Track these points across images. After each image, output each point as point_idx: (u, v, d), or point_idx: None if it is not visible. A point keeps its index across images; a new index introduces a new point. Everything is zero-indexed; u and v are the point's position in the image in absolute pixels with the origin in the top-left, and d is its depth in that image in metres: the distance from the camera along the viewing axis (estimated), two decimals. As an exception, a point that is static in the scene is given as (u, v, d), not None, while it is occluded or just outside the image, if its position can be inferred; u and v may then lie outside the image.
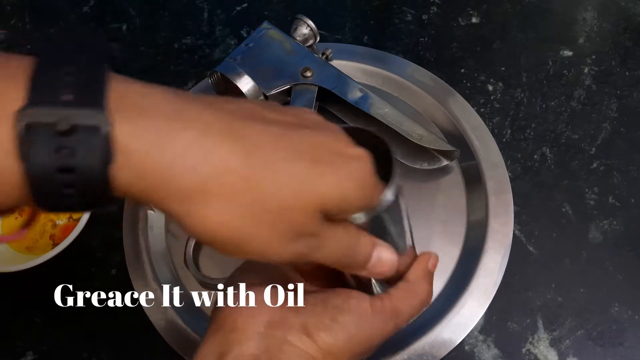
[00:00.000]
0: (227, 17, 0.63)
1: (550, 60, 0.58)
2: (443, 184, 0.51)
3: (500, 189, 0.50)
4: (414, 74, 0.56)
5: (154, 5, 0.64)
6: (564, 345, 0.45)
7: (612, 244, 0.49)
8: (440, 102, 0.54)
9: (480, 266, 0.46)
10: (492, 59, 0.59)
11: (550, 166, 0.52)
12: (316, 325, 0.28)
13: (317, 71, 0.51)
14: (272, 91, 0.50)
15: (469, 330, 0.44)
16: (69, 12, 0.64)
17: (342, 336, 0.28)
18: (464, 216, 0.49)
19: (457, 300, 0.45)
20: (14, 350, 0.46)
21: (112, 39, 0.20)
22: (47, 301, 0.46)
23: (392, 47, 0.60)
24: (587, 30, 0.61)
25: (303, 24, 0.53)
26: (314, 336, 0.28)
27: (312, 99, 0.51)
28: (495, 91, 0.57)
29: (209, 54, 0.60)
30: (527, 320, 0.46)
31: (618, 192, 0.51)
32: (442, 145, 0.49)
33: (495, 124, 0.54)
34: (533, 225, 0.49)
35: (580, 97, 0.56)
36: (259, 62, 0.51)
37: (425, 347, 0.43)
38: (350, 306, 0.29)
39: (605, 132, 0.54)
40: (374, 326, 0.29)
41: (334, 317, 0.28)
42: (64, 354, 0.46)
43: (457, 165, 0.52)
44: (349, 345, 0.28)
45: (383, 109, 0.50)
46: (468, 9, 0.62)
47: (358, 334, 0.28)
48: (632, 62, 0.58)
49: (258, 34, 0.53)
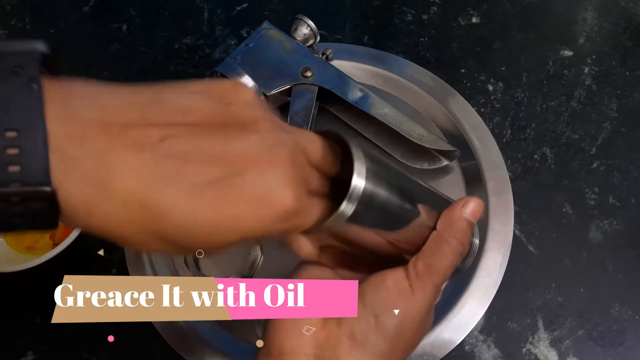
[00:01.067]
0: (227, 17, 0.63)
1: (550, 60, 0.58)
2: (443, 184, 0.51)
3: (501, 189, 0.50)
4: (414, 74, 0.56)
5: (154, 5, 0.64)
6: (564, 345, 0.45)
7: (612, 244, 0.49)
8: (440, 102, 0.54)
9: (480, 266, 0.46)
10: (492, 59, 0.59)
11: (551, 166, 0.52)
12: (362, 331, 0.27)
13: (317, 71, 0.51)
14: (272, 91, 0.50)
15: (469, 330, 0.44)
16: (69, 12, 0.64)
17: (391, 330, 0.27)
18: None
19: (457, 300, 0.45)
20: (14, 350, 0.46)
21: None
22: (47, 301, 0.46)
23: (392, 47, 0.60)
24: (587, 30, 0.61)
25: (303, 24, 0.53)
26: (364, 345, 0.27)
27: (312, 99, 0.50)
28: (496, 91, 0.57)
29: (209, 54, 0.60)
30: (527, 320, 0.46)
31: (618, 192, 0.51)
32: (442, 145, 0.49)
33: (495, 124, 0.54)
34: (533, 225, 0.49)
35: (580, 97, 0.56)
36: (259, 62, 0.51)
37: (425, 347, 0.43)
38: (389, 291, 0.28)
39: (606, 132, 0.54)
40: (418, 298, 0.28)
41: (376, 314, 0.27)
42: (64, 354, 0.46)
43: (457, 165, 0.52)
44: (402, 332, 0.27)
45: (383, 109, 0.50)
46: (468, 9, 0.62)
47: (406, 318, 0.28)
48: (632, 62, 0.58)
49: (258, 34, 0.53)
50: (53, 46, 0.22)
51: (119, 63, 0.60)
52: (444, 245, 0.29)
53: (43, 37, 0.23)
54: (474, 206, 0.30)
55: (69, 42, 0.62)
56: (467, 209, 0.30)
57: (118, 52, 0.61)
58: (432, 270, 0.28)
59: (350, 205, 0.25)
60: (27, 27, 0.63)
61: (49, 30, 0.62)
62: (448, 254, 0.29)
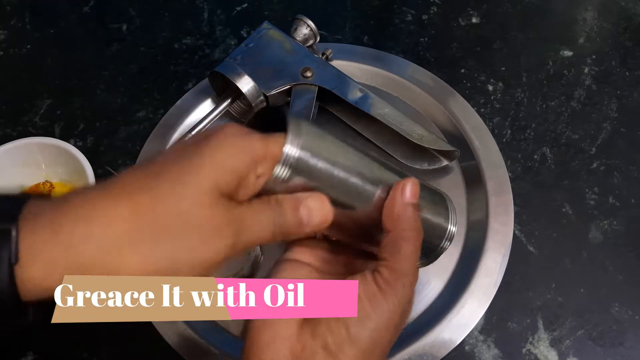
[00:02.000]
0: (227, 17, 0.63)
1: (550, 60, 0.58)
2: (443, 184, 0.51)
3: (500, 189, 0.50)
4: (414, 74, 0.56)
5: (154, 5, 0.64)
6: (564, 345, 0.45)
7: (612, 244, 0.49)
8: (440, 102, 0.54)
9: (480, 266, 0.46)
10: (492, 59, 0.59)
11: (551, 166, 0.52)
12: (336, 342, 0.27)
13: (317, 71, 0.51)
14: (272, 91, 0.50)
15: (469, 330, 0.44)
16: (69, 12, 0.64)
17: (364, 340, 0.27)
18: (464, 216, 0.49)
19: (457, 300, 0.45)
20: (14, 350, 0.46)
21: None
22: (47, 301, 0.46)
23: (392, 47, 0.60)
24: (587, 30, 0.61)
25: (303, 24, 0.53)
26: (339, 356, 0.27)
27: (312, 99, 0.50)
28: (495, 91, 0.57)
29: (209, 54, 0.60)
30: (527, 320, 0.46)
31: (618, 192, 0.51)
32: (442, 145, 0.49)
33: (495, 124, 0.54)
34: (533, 225, 0.49)
35: (580, 97, 0.56)
36: (259, 62, 0.51)
37: (425, 347, 0.43)
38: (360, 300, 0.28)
39: (606, 132, 0.54)
40: (390, 303, 0.28)
41: (347, 324, 0.27)
42: (64, 354, 0.46)
43: (457, 165, 0.52)
44: (376, 340, 0.27)
45: (383, 109, 0.50)
46: (468, 9, 0.62)
47: (379, 326, 0.27)
48: (632, 62, 0.58)
49: (258, 34, 0.53)
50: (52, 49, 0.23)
51: (119, 63, 0.60)
52: (400, 243, 0.28)
53: (43, 37, 0.23)
54: (411, 187, 0.29)
55: (69, 42, 0.62)
56: (407, 194, 0.29)
57: (118, 52, 0.61)
58: (397, 274, 0.28)
59: (284, 169, 0.27)
60: (27, 27, 0.63)
61: (49, 30, 0.62)
62: (407, 251, 0.28)
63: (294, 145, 0.27)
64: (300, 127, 0.28)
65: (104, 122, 0.56)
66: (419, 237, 0.29)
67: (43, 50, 0.61)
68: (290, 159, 0.27)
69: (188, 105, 0.55)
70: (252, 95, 0.50)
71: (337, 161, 0.28)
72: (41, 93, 0.58)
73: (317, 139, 0.28)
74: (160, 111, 0.56)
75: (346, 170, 0.28)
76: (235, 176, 0.26)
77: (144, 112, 0.56)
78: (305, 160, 0.27)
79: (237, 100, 0.52)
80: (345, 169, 0.28)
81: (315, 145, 0.28)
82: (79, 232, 0.23)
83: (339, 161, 0.28)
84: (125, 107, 0.57)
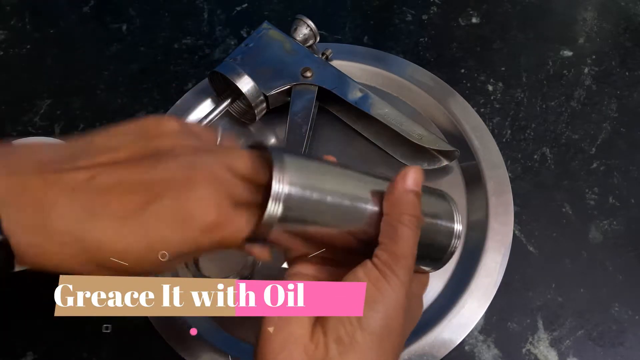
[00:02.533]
0: (227, 17, 0.63)
1: (550, 60, 0.58)
2: (443, 184, 0.51)
3: (500, 189, 0.50)
4: (414, 74, 0.56)
5: (154, 5, 0.64)
6: (564, 345, 0.45)
7: (612, 244, 0.49)
8: (440, 102, 0.54)
9: (480, 266, 0.46)
10: (492, 59, 0.59)
11: (550, 166, 0.52)
12: (348, 333, 0.27)
13: (317, 71, 0.51)
14: (272, 91, 0.50)
15: (469, 330, 0.44)
16: (69, 12, 0.64)
17: (376, 324, 0.27)
18: (464, 216, 0.49)
19: (457, 300, 0.45)
20: (14, 350, 0.46)
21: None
22: (47, 301, 0.46)
23: (392, 47, 0.60)
24: (587, 30, 0.61)
25: (303, 24, 0.53)
26: (353, 346, 0.27)
27: (312, 99, 0.51)
28: (495, 91, 0.57)
29: (209, 54, 0.60)
30: (527, 320, 0.46)
31: (618, 192, 0.51)
32: (442, 145, 0.49)
33: (495, 124, 0.54)
34: (533, 225, 0.49)
35: (580, 97, 0.56)
36: (259, 62, 0.51)
37: (425, 347, 0.43)
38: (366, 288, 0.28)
39: (605, 132, 0.54)
40: (394, 285, 0.28)
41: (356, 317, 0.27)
42: (64, 354, 0.46)
43: (457, 165, 0.52)
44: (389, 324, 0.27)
45: (383, 109, 0.50)
46: (468, 9, 0.62)
47: (388, 308, 0.27)
48: (632, 62, 0.58)
49: (258, 34, 0.53)
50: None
51: (119, 63, 0.60)
52: (399, 227, 0.28)
53: (43, 37, 0.23)
54: (414, 175, 0.29)
55: (69, 42, 0.62)
56: (408, 180, 0.29)
57: (118, 52, 0.61)
58: (397, 257, 0.28)
59: (276, 207, 0.26)
60: (27, 27, 0.63)
61: (49, 30, 0.62)
62: (406, 235, 0.28)
63: (280, 182, 0.26)
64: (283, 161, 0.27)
65: (104, 122, 0.56)
66: (418, 223, 0.29)
67: (43, 50, 0.61)
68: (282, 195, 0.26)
69: (188, 105, 0.55)
70: (252, 95, 0.50)
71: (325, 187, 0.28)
72: (41, 93, 0.58)
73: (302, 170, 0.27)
74: (160, 111, 0.56)
75: (338, 193, 0.28)
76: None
77: (144, 112, 0.56)
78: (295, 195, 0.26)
79: (237, 100, 0.52)
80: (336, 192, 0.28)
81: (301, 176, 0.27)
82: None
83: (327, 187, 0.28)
84: (125, 107, 0.57)
